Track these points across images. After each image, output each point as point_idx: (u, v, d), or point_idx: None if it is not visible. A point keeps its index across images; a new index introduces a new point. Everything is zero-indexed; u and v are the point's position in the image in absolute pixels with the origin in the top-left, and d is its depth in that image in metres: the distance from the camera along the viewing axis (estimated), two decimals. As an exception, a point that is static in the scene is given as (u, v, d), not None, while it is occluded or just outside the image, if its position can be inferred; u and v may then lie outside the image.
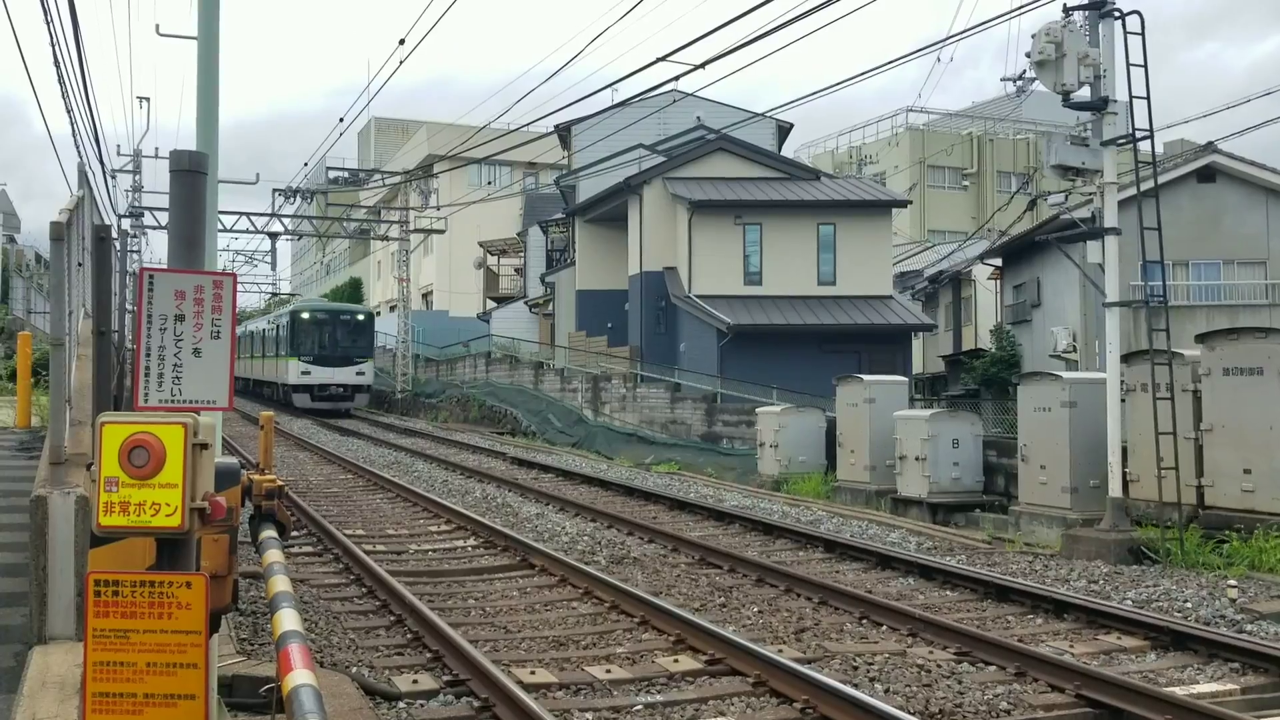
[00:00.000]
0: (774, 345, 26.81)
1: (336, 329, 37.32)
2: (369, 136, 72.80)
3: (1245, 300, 23.75)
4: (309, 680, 2.70)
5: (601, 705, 6.29)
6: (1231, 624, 8.17)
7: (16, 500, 7.91)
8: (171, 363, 3.53)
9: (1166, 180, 21.06)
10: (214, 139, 6.31)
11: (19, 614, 6.16)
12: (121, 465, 3.03)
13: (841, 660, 7.14)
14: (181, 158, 3.82)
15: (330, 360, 36.55)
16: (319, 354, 36.64)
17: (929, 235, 49.15)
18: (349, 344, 37.22)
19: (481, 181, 50.57)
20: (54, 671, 5.29)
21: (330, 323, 37.51)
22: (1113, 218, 11.80)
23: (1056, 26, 11.63)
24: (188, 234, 3.78)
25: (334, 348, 36.79)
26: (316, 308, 39.35)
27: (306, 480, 17.64)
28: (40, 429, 11.15)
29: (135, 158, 40.46)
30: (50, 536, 5.89)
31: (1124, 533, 11.16)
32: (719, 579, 9.94)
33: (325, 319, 37.58)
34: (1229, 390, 11.15)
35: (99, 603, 3.08)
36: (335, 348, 36.81)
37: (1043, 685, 6.59)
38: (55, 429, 7.17)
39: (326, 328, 37.24)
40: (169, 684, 3.07)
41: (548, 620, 8.38)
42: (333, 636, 7.69)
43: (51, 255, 8.00)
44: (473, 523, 12.66)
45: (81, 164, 14.87)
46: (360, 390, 37.47)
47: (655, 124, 32.47)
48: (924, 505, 15.23)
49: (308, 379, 36.27)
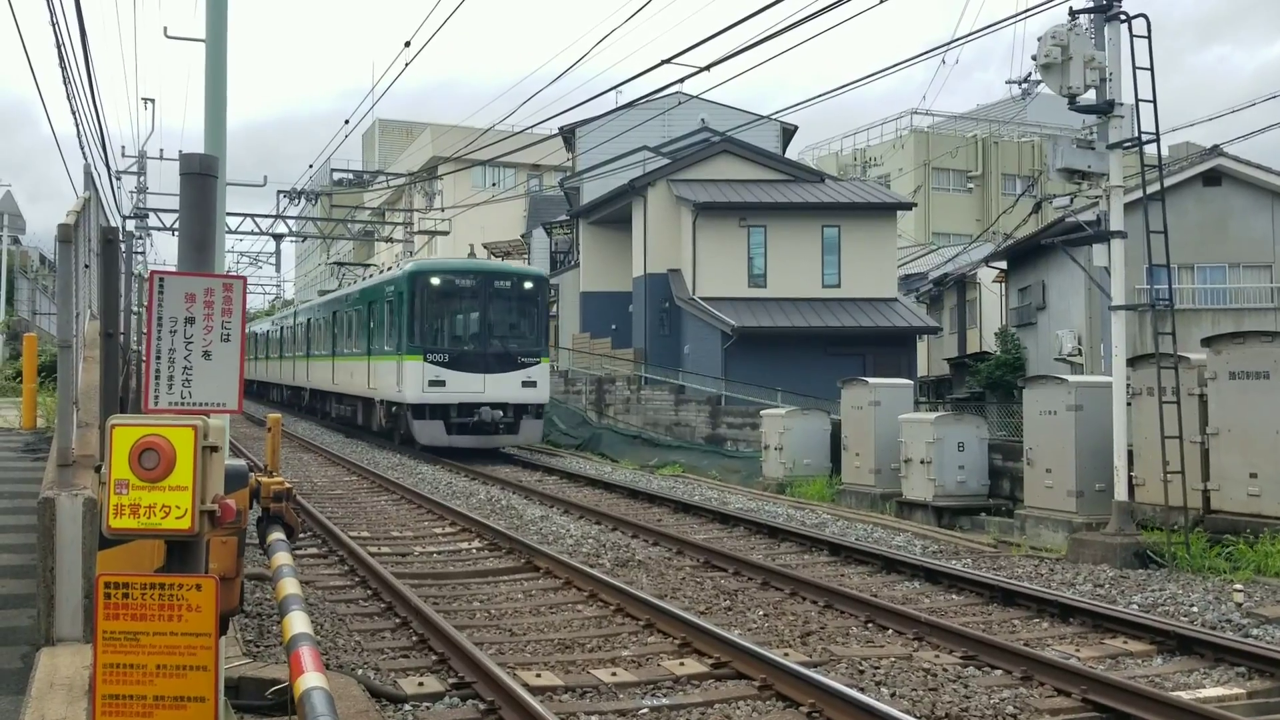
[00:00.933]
0: (778, 348, 26.82)
1: (490, 305, 22.28)
2: (373, 138, 72.96)
3: (1251, 304, 23.73)
4: (321, 683, 2.70)
5: (608, 709, 6.29)
6: (1238, 628, 8.15)
7: (23, 502, 7.92)
8: (181, 365, 3.53)
9: (1172, 183, 21.06)
10: (222, 141, 6.33)
11: (26, 615, 6.17)
12: (132, 467, 3.04)
13: (848, 664, 7.13)
14: (191, 161, 3.83)
15: (480, 362, 21.84)
16: (460, 351, 21.99)
17: (934, 238, 49.13)
18: (511, 332, 22.56)
19: (486, 183, 50.67)
20: (62, 673, 5.30)
21: (479, 293, 22.29)
22: (1118, 221, 11.79)
23: (1062, 29, 11.62)
24: (198, 236, 3.79)
25: (486, 339, 22.12)
26: (452, 269, 23.45)
27: (311, 482, 17.66)
28: (46, 430, 11.18)
29: (140, 159, 40.53)
30: (58, 538, 5.90)
31: (1130, 537, 11.14)
32: (724, 582, 9.94)
33: (471, 287, 22.34)
34: (1235, 394, 11.13)
35: (109, 605, 3.09)
36: (488, 339, 22.11)
37: (1049, 689, 6.58)
38: (62, 431, 7.18)
39: (473, 303, 22.35)
40: (179, 686, 3.08)
41: (553, 623, 8.38)
42: (338, 639, 7.69)
43: (59, 257, 8.02)
44: (477, 525, 12.67)
45: (88, 166, 14.88)
46: (528, 413, 22.36)
47: (660, 126, 32.48)
48: (929, 509, 15.21)
49: (440, 394, 21.51)
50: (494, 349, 22.07)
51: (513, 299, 22.72)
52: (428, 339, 21.97)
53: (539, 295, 23.32)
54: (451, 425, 21.55)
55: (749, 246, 28.66)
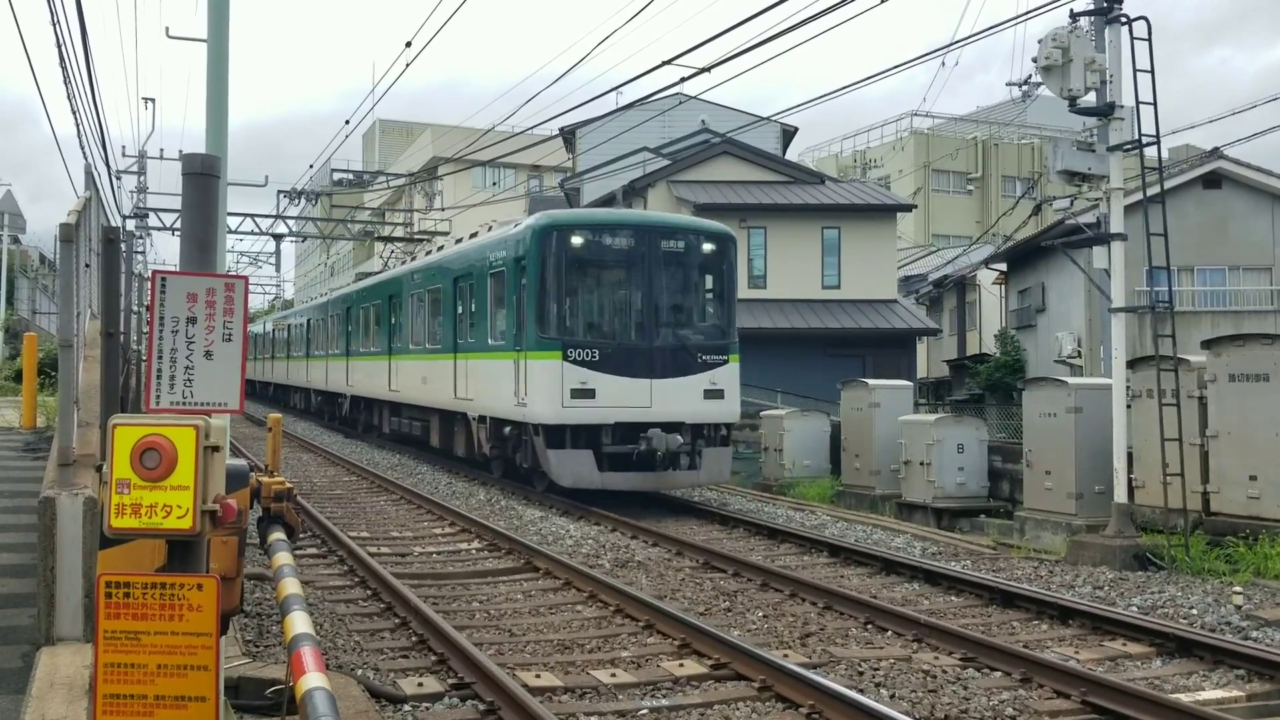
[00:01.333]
0: (778, 349, 26.81)
1: (657, 276, 15.39)
2: (374, 139, 72.96)
3: (1251, 306, 23.75)
4: (322, 683, 2.71)
5: (607, 709, 6.29)
6: (1237, 630, 8.15)
7: (23, 501, 7.93)
8: (183, 365, 3.54)
9: (1173, 186, 21.07)
10: (223, 141, 6.34)
11: (27, 615, 6.17)
12: (133, 467, 3.04)
13: (847, 665, 7.14)
14: (194, 161, 3.84)
15: (644, 361, 14.98)
16: (615, 346, 15.01)
17: (933, 240, 49.16)
18: (688, 317, 15.83)
19: (486, 184, 50.65)
20: (62, 672, 5.31)
21: (641, 259, 15.35)
22: (1118, 223, 11.79)
23: (1063, 32, 11.62)
24: (200, 236, 3.79)
25: (652, 328, 15.19)
26: (598, 221, 16.28)
27: (311, 482, 17.66)
28: (46, 429, 11.18)
29: (140, 159, 40.54)
30: (58, 538, 5.90)
31: (1129, 539, 11.14)
32: (724, 583, 9.94)
33: (628, 250, 15.39)
34: (1235, 396, 11.14)
35: (110, 604, 3.10)
36: (655, 327, 15.22)
37: (1048, 691, 6.58)
38: (63, 430, 7.18)
39: (633, 273, 15.39)
40: (180, 686, 3.09)
41: (552, 624, 8.38)
42: (338, 639, 7.69)
43: (60, 257, 8.03)
44: (477, 525, 12.67)
45: (88, 165, 14.88)
46: (710, 438, 15.42)
47: (660, 127, 32.48)
48: (929, 510, 15.22)
49: (588, 410, 14.64)
50: (664, 342, 14.91)
51: (689, 266, 15.51)
52: (567, 327, 14.77)
53: (724, 262, 15.75)
54: (604, 457, 14.45)
55: (749, 248, 28.65)
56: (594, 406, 14.48)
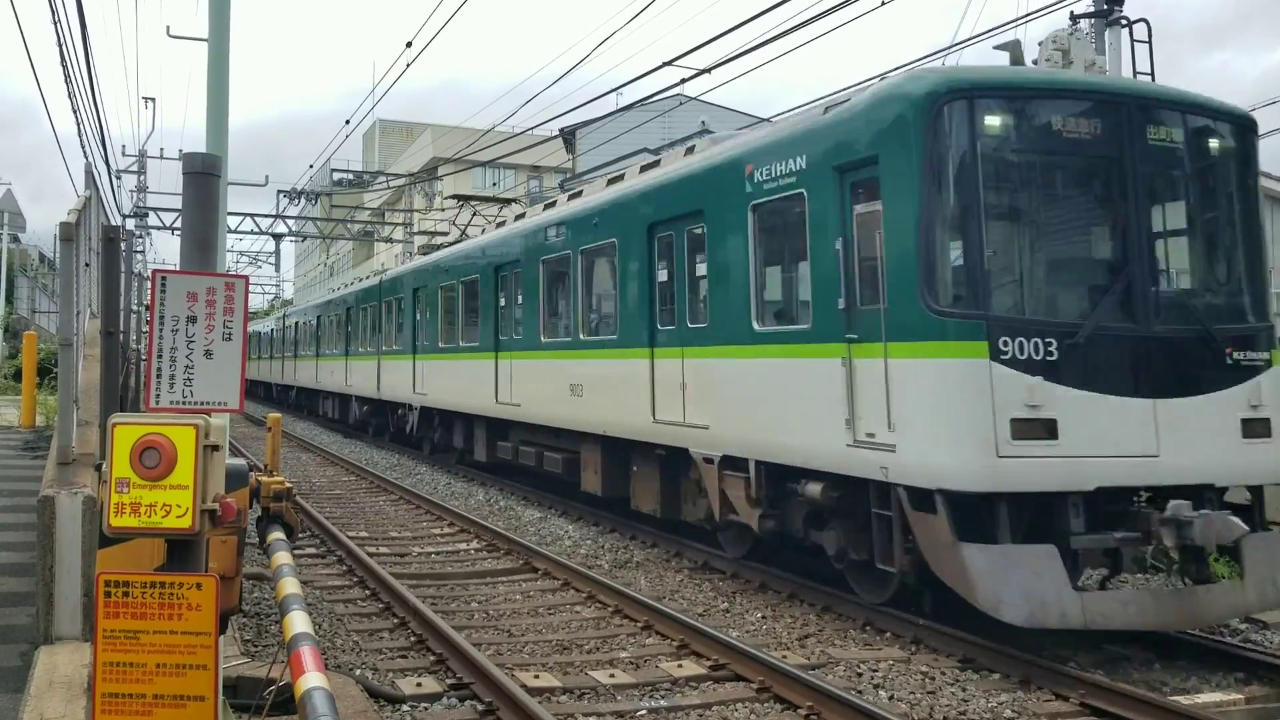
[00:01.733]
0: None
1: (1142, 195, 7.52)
2: (374, 139, 73.00)
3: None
4: (322, 683, 2.71)
5: (605, 710, 6.29)
6: (1236, 633, 8.16)
7: (22, 500, 7.93)
8: (183, 364, 3.54)
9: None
10: (224, 140, 6.34)
11: (25, 614, 6.17)
12: (133, 466, 3.05)
13: (845, 667, 7.13)
14: (194, 160, 3.84)
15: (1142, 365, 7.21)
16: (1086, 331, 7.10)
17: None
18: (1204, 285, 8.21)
19: (486, 184, 50.67)
20: (61, 671, 5.31)
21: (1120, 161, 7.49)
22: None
23: (1064, 33, 11.64)
24: (200, 236, 3.79)
25: (1140, 293, 7.34)
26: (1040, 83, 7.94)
27: (310, 482, 17.65)
28: (45, 428, 11.18)
29: (140, 158, 40.57)
30: (58, 537, 5.91)
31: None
32: (722, 584, 9.93)
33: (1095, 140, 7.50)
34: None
35: (109, 603, 3.10)
36: (1144, 293, 7.36)
37: (1047, 693, 6.58)
38: (63, 429, 7.19)
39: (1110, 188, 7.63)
40: (178, 685, 3.09)
41: (551, 624, 8.38)
42: (336, 639, 7.70)
43: (60, 256, 8.03)
44: (476, 526, 12.67)
45: (88, 165, 14.89)
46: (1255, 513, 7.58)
47: (660, 128, 32.48)
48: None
49: (1043, 459, 6.89)
50: (1169, 326, 7.53)
51: (1201, 179, 8.24)
52: (990, 296, 7.36)
53: (1249, 174, 8.30)
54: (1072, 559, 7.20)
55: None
56: (1053, 456, 7.03)
